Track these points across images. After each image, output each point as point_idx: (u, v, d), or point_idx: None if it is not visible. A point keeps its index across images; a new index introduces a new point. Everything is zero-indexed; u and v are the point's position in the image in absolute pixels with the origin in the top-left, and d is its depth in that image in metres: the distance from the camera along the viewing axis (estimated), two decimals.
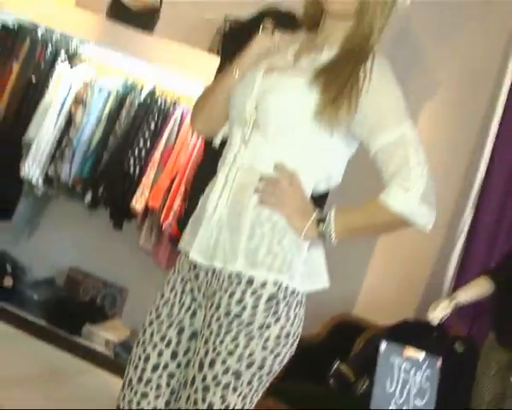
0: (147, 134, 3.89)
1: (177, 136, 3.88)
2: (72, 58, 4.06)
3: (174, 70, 3.85)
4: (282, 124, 1.76)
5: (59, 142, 3.98)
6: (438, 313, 3.36)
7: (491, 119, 4.10)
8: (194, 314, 1.86)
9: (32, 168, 3.95)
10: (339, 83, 1.73)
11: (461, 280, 3.99)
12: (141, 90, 3.97)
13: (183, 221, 2.66)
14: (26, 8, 4.04)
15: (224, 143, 1.96)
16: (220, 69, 2.21)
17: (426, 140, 3.90)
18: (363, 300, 4.21)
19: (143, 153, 3.89)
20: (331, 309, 3.94)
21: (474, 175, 4.10)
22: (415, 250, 3.96)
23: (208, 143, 2.11)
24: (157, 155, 3.86)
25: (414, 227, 1.74)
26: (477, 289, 3.43)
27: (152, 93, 3.95)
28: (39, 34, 4.06)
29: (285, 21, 2.08)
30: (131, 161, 3.87)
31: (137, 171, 3.88)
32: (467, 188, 4.10)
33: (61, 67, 4.01)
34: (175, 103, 3.92)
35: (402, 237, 1.76)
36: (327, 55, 1.82)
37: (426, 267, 4.12)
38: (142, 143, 3.88)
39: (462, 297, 3.41)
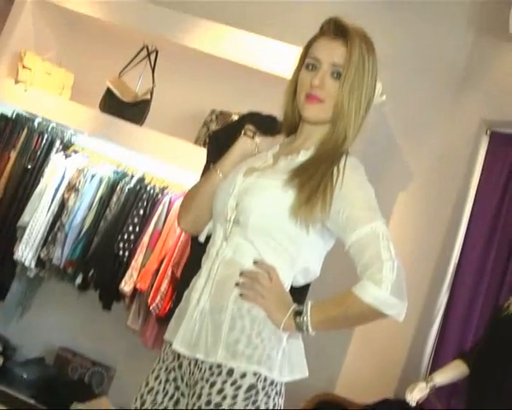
0: (136, 219, 3.94)
1: (165, 221, 3.93)
2: (66, 147, 4.18)
3: (162, 160, 3.97)
4: (260, 222, 1.84)
5: (52, 226, 4.03)
6: (415, 395, 3.45)
7: (463, 204, 4.21)
8: (177, 402, 1.90)
9: (26, 251, 4.00)
10: (312, 183, 1.81)
11: (437, 361, 4.07)
12: (131, 177, 4.05)
13: (169, 313, 2.76)
14: (25, 101, 4.18)
15: (209, 237, 2.02)
16: (205, 170, 2.35)
17: (401, 226, 4.11)
18: (345, 379, 4.23)
19: (132, 237, 3.93)
20: (314, 388, 3.95)
21: (448, 258, 4.20)
22: (392, 331, 3.97)
23: (195, 239, 2.23)
24: (146, 239, 3.91)
25: (388, 318, 1.78)
26: (452, 371, 3.52)
27: (141, 180, 4.04)
28: (36, 124, 4.19)
29: (266, 124, 2.15)
30: (121, 245, 3.92)
31: (127, 254, 3.92)
32: (441, 271, 4.18)
33: (56, 156, 4.13)
34: (163, 190, 3.99)
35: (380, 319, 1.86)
36: (303, 157, 1.92)
37: (404, 348, 4.15)
38: (131, 228, 3.93)
39: (439, 379, 3.49)
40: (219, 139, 2.38)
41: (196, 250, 2.14)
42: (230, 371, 1.78)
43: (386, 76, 3.13)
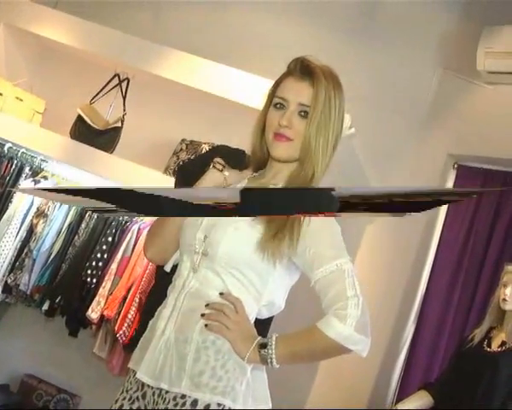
0: (104, 246, 3.92)
1: (133, 248, 3.91)
2: (35, 173, 4.15)
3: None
4: (227, 255, 1.86)
5: (19, 252, 4.00)
6: None
7: (430, 236, 4.28)
8: None
9: None
10: (280, 219, 1.84)
11: (404, 391, 4.09)
12: None
13: (134, 342, 2.75)
14: None
15: (175, 267, 2.04)
16: None
17: (368, 257, 4.13)
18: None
19: (101, 264, 3.91)
20: None
21: (416, 289, 4.25)
22: (359, 361, 3.94)
23: (161, 267, 2.23)
24: (114, 266, 3.88)
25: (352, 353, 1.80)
26: (417, 402, 3.54)
27: None
28: (6, 150, 4.16)
29: (234, 158, 2.17)
30: (89, 272, 3.89)
31: (94, 281, 3.89)
32: (408, 301, 4.23)
33: (25, 182, 4.09)
34: (132, 218, 3.94)
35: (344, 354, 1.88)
36: None
37: (370, 377, 4.18)
38: (99, 255, 3.91)
39: (403, 409, 3.55)
40: (187, 171, 2.39)
41: (161, 279, 2.15)
42: (194, 402, 1.79)
43: (356, 111, 3.18)
